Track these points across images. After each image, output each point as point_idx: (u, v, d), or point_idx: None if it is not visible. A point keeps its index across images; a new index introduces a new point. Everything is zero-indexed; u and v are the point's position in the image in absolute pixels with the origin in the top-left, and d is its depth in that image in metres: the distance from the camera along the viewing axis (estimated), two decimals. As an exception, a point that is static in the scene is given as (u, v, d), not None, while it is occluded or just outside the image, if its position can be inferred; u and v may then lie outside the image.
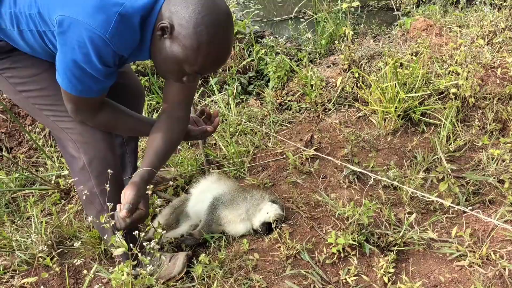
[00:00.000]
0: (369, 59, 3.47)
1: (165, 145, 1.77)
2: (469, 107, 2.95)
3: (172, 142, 1.82)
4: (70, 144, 1.82)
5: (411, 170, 2.49)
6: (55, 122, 1.79)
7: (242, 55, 4.09)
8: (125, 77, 2.12)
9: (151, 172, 1.70)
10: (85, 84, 1.55)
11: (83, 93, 1.58)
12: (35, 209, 2.38)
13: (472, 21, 3.53)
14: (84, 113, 1.68)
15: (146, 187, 1.65)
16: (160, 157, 1.76)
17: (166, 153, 1.80)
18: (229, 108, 3.30)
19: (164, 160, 1.82)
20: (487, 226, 2.11)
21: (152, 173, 1.70)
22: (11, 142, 3.05)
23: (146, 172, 1.68)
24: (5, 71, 1.74)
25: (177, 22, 1.43)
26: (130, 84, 2.14)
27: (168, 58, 1.51)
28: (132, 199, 1.58)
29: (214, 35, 1.45)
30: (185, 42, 1.44)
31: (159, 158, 1.75)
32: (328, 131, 3.06)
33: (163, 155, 1.77)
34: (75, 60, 1.48)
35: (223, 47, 1.51)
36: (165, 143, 1.77)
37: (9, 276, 2.04)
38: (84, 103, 1.63)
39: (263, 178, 2.61)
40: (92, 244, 2.13)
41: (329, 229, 2.14)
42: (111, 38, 1.43)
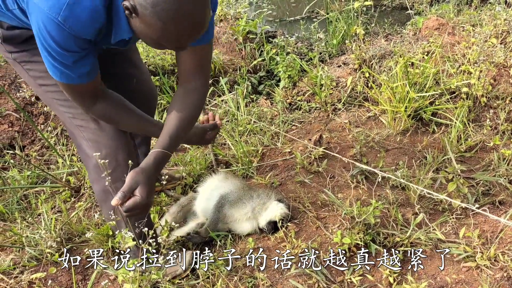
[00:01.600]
0: (380, 59, 3.45)
1: (179, 123, 1.68)
2: (480, 106, 2.91)
3: (188, 119, 1.72)
4: (84, 142, 1.84)
5: (420, 170, 2.46)
6: (70, 118, 1.81)
7: (253, 54, 4.10)
8: (140, 83, 2.12)
9: (161, 154, 1.62)
10: (61, 69, 1.48)
11: (65, 79, 1.52)
12: (45, 206, 2.41)
13: (486, 20, 3.48)
14: (79, 101, 1.63)
15: (152, 171, 1.58)
16: (173, 136, 1.67)
17: (181, 131, 1.70)
18: (239, 107, 3.31)
19: (178, 139, 1.71)
20: (495, 227, 2.08)
21: (162, 155, 1.63)
22: (24, 140, 3.10)
23: (153, 156, 1.61)
24: (26, 64, 1.75)
25: (138, 1, 1.33)
26: (142, 90, 2.13)
27: (144, 37, 1.43)
28: (124, 187, 1.51)
29: (177, 10, 1.32)
30: (151, 22, 1.34)
31: (172, 138, 1.66)
32: (338, 130, 3.04)
33: (176, 134, 1.68)
34: (42, 44, 1.42)
35: (193, 17, 1.37)
36: (179, 121, 1.68)
37: (19, 271, 2.07)
38: (73, 90, 1.58)
39: (271, 177, 2.61)
40: (100, 241, 2.16)
41: (335, 229, 2.13)
42: (64, 21, 1.35)
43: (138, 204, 1.52)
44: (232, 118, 3.23)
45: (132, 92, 1.92)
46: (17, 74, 3.31)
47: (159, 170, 1.65)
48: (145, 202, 1.53)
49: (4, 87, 3.18)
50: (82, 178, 2.69)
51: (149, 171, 1.57)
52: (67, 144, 3.07)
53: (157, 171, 1.62)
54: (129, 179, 1.53)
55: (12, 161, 2.86)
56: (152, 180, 1.58)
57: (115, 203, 1.49)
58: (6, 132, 3.08)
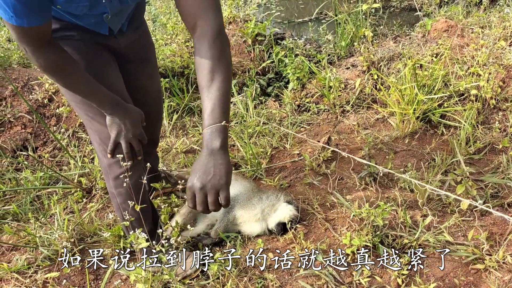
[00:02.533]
0: (388, 61, 3.46)
1: (202, 82, 1.44)
2: (489, 109, 2.92)
3: (205, 69, 1.43)
4: (95, 145, 1.89)
5: (428, 172, 2.47)
6: (87, 120, 1.85)
7: (262, 57, 4.13)
8: (146, 97, 2.10)
9: (214, 130, 1.38)
10: (14, 7, 1.33)
11: (14, 21, 1.37)
12: (58, 207, 2.45)
13: (495, 22, 3.48)
14: (25, 46, 1.48)
15: (214, 151, 1.37)
16: (205, 101, 1.41)
17: (224, 92, 1.42)
18: (248, 109, 3.34)
19: (210, 101, 1.40)
20: (504, 229, 2.09)
21: (216, 130, 1.38)
22: (37, 142, 3.15)
23: (206, 135, 1.39)
24: None
25: None
26: (147, 103, 2.07)
27: None
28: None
29: None
30: None
31: (206, 106, 1.41)
32: (346, 132, 3.06)
33: (205, 98, 1.42)
34: None
35: None
36: (200, 78, 1.44)
37: (33, 271, 2.12)
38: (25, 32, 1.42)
39: (280, 179, 2.64)
40: (112, 242, 2.19)
41: (344, 230, 2.15)
42: None
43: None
44: (241, 120, 3.26)
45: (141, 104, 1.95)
46: (30, 76, 3.37)
47: (222, 146, 1.39)
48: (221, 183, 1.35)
49: (18, 89, 3.24)
50: (93, 179, 2.73)
51: (201, 158, 1.38)
52: (79, 146, 3.12)
53: (222, 148, 1.38)
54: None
55: (26, 163, 2.91)
56: (218, 160, 1.36)
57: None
58: (19, 133, 3.13)
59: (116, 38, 1.83)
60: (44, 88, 3.30)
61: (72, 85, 1.66)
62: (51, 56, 1.53)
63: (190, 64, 3.75)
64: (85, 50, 1.73)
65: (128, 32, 1.87)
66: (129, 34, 1.87)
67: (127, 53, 1.92)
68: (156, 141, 2.47)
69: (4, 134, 3.11)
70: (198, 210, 1.36)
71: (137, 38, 1.95)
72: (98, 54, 1.78)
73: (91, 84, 1.65)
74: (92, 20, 1.68)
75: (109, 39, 1.81)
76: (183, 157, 2.97)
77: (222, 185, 1.34)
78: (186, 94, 3.54)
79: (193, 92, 3.61)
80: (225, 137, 1.39)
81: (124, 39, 1.86)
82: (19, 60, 3.59)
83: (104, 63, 1.80)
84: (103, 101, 1.70)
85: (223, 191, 1.34)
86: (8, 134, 3.12)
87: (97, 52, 1.78)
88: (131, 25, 1.87)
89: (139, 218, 1.86)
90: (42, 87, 3.31)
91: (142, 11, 1.97)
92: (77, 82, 1.64)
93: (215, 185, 1.33)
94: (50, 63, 1.54)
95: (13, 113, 3.18)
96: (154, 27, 4.43)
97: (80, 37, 1.71)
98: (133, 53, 1.96)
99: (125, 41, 1.87)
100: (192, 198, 1.36)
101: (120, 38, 1.84)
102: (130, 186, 1.82)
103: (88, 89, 1.66)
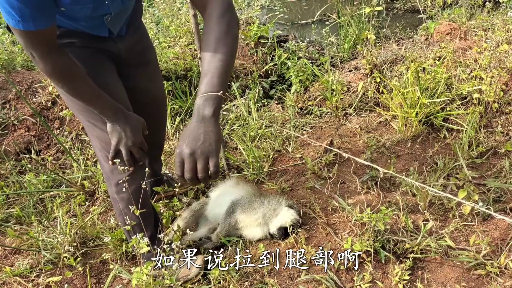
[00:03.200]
0: (391, 64, 3.46)
1: (206, 54, 1.43)
2: (492, 112, 2.91)
3: (211, 41, 1.43)
4: (97, 151, 1.91)
5: (431, 176, 2.47)
6: (89, 126, 1.86)
7: (265, 59, 4.14)
8: (148, 99, 2.12)
9: (208, 97, 1.37)
10: (20, 11, 1.36)
11: (22, 25, 1.39)
12: (61, 210, 2.47)
13: (498, 25, 3.47)
14: (34, 48, 1.50)
15: (201, 119, 1.36)
16: (205, 72, 1.41)
17: (225, 65, 1.42)
18: (250, 112, 3.35)
19: (211, 72, 1.40)
20: (506, 234, 2.08)
21: (210, 97, 1.37)
22: (40, 144, 3.17)
23: (199, 102, 1.38)
24: None
25: None
26: (149, 105, 2.12)
27: None
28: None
29: None
30: None
31: (205, 75, 1.40)
32: (348, 136, 3.06)
33: (206, 68, 1.41)
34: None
35: None
36: (205, 51, 1.44)
37: (35, 274, 2.13)
38: (30, 37, 1.46)
39: (282, 182, 2.64)
40: (114, 246, 2.20)
41: (345, 235, 2.15)
42: None
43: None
44: (244, 123, 3.26)
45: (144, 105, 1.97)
46: (33, 79, 3.39)
47: (214, 114, 1.37)
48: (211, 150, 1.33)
49: (21, 92, 3.25)
50: (96, 182, 2.74)
51: (191, 125, 1.37)
52: (82, 148, 3.13)
53: (214, 115, 1.36)
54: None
55: (29, 166, 2.93)
56: (209, 127, 1.35)
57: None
58: (22, 136, 3.15)
59: (116, 43, 1.85)
60: (48, 91, 3.31)
61: (76, 91, 1.68)
62: (58, 62, 1.55)
63: (193, 67, 3.76)
64: (87, 57, 1.74)
65: (127, 36, 1.89)
66: (128, 38, 1.90)
67: (127, 57, 1.93)
68: (161, 144, 2.48)
69: (8, 137, 3.13)
70: (186, 177, 1.32)
71: (136, 42, 1.97)
72: (99, 61, 1.80)
73: (94, 91, 1.67)
74: (92, 23, 1.69)
75: (109, 44, 1.83)
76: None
77: (212, 151, 1.31)
78: (189, 97, 3.55)
79: (196, 95, 3.61)
80: (218, 106, 1.38)
81: (123, 43, 1.88)
82: (23, 63, 3.60)
83: (105, 70, 1.82)
84: (104, 108, 1.71)
85: (213, 158, 1.31)
86: (12, 137, 3.13)
87: (98, 59, 1.80)
88: (129, 29, 1.89)
89: (140, 223, 1.87)
90: (45, 90, 3.33)
91: (139, 15, 2.00)
92: (81, 88, 1.66)
93: (204, 151, 1.30)
94: (57, 69, 1.56)
95: (17, 116, 3.20)
96: (157, 29, 4.44)
97: (81, 44, 1.73)
98: (133, 56, 1.97)
99: (125, 45, 1.89)
100: (181, 165, 1.32)
101: (119, 42, 1.86)
102: (132, 191, 1.83)
103: (90, 96, 1.68)
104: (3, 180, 2.87)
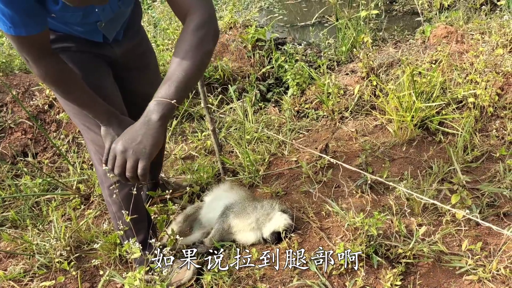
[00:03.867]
0: (387, 67, 3.46)
1: (173, 63, 1.44)
2: (487, 116, 2.91)
3: (180, 52, 1.44)
4: (92, 154, 1.91)
5: (425, 180, 2.47)
6: (84, 130, 1.87)
7: (262, 62, 4.14)
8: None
9: (160, 102, 1.37)
10: (10, 18, 1.37)
11: (13, 31, 1.40)
12: (56, 213, 2.47)
13: (495, 28, 3.47)
14: (25, 55, 1.52)
15: (150, 122, 1.36)
16: (179, 82, 1.40)
17: (188, 77, 1.41)
18: (247, 115, 3.35)
19: (185, 86, 1.41)
20: (499, 240, 2.08)
21: (162, 103, 1.37)
22: (37, 148, 3.17)
23: (151, 106, 1.39)
24: None
25: None
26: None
27: None
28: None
29: None
30: None
31: (177, 82, 1.39)
32: (344, 139, 3.06)
33: (182, 80, 1.40)
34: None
35: None
36: (173, 59, 1.45)
37: (29, 279, 2.14)
38: (23, 42, 1.47)
39: (276, 186, 2.64)
40: (107, 249, 2.21)
41: (338, 240, 2.15)
42: None
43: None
44: (240, 126, 3.27)
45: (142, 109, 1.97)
46: (31, 82, 3.40)
47: (161, 120, 1.36)
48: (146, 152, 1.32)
49: (18, 95, 3.26)
50: (92, 186, 2.75)
51: (135, 124, 1.40)
52: (78, 151, 3.14)
53: (160, 121, 1.36)
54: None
55: (25, 169, 2.93)
56: (150, 131, 1.35)
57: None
58: (19, 139, 3.16)
59: (112, 47, 1.85)
60: (45, 94, 3.32)
61: (69, 95, 1.68)
62: (52, 67, 1.57)
63: (190, 70, 3.75)
64: (82, 62, 1.75)
65: (124, 41, 1.88)
66: (125, 42, 1.89)
67: (125, 61, 1.93)
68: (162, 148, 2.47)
69: (5, 140, 3.14)
70: (115, 173, 1.34)
71: (135, 46, 1.96)
72: (95, 66, 1.81)
73: (88, 95, 1.68)
74: (86, 28, 1.70)
75: (105, 48, 1.83)
76: (181, 164, 2.98)
77: (144, 154, 1.31)
78: (186, 100, 3.55)
79: (193, 98, 3.62)
80: (168, 114, 1.37)
81: (120, 48, 1.88)
82: (20, 66, 3.61)
83: (100, 74, 1.82)
84: (98, 112, 1.72)
85: (143, 160, 1.31)
86: (9, 140, 3.14)
87: (94, 63, 1.80)
88: (126, 34, 1.89)
89: (133, 227, 1.88)
90: (42, 93, 3.34)
91: (139, 18, 1.99)
92: (75, 92, 1.66)
93: (136, 152, 1.31)
94: (50, 73, 1.57)
95: (14, 119, 3.21)
96: (155, 32, 4.45)
97: (77, 49, 1.73)
98: (132, 60, 1.97)
99: (122, 50, 1.89)
100: (112, 159, 1.35)
101: (115, 47, 1.86)
102: (123, 196, 1.84)
103: (85, 100, 1.68)
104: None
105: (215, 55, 4.14)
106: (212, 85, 3.84)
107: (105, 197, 2.00)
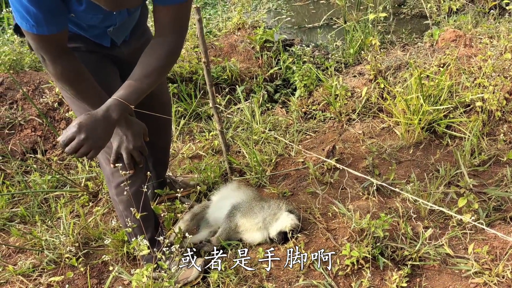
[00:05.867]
0: (395, 70, 3.46)
1: (143, 73, 1.64)
2: (495, 120, 2.91)
3: (153, 69, 1.65)
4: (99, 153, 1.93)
5: (432, 183, 2.48)
6: None
7: (270, 63, 4.16)
8: (153, 102, 2.11)
9: (121, 103, 1.55)
10: (34, 16, 1.44)
11: (35, 29, 1.48)
12: (64, 210, 2.50)
13: (504, 33, 3.46)
14: (43, 54, 1.59)
15: (101, 117, 1.52)
16: (135, 86, 1.61)
17: (144, 82, 1.63)
18: (254, 115, 3.37)
19: (140, 90, 1.62)
20: (505, 243, 2.08)
21: (122, 105, 1.56)
22: (46, 145, 3.20)
23: (108, 104, 1.56)
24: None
25: None
26: (154, 108, 2.08)
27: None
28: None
29: None
30: None
31: (133, 87, 1.61)
32: (351, 141, 3.07)
33: (138, 85, 1.62)
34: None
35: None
36: (144, 71, 1.64)
37: (38, 274, 2.16)
38: (41, 40, 1.54)
39: (283, 187, 2.66)
40: (115, 246, 2.23)
41: (344, 241, 2.16)
42: None
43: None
44: (247, 127, 3.29)
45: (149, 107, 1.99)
46: (41, 80, 3.43)
47: (120, 121, 1.58)
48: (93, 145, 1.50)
49: (28, 92, 3.30)
50: (100, 183, 2.77)
51: (97, 114, 1.52)
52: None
53: (118, 120, 1.56)
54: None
55: (35, 166, 2.96)
56: (108, 126, 1.54)
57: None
58: (29, 136, 3.19)
59: (120, 48, 1.89)
60: (55, 91, 3.35)
61: (82, 94, 1.73)
62: (67, 65, 1.62)
63: (198, 70, 3.78)
64: (92, 62, 1.78)
65: (131, 40, 1.92)
66: (132, 42, 1.93)
67: (131, 61, 1.95)
68: (167, 147, 2.50)
69: (15, 137, 3.17)
70: (66, 151, 1.49)
71: (141, 45, 1.99)
72: (104, 66, 1.83)
73: (99, 94, 1.72)
74: (94, 32, 1.74)
75: (113, 49, 1.87)
76: (189, 163, 3.00)
77: (97, 147, 1.51)
78: (194, 100, 3.58)
79: (201, 98, 3.65)
80: (125, 115, 1.59)
81: (127, 48, 1.92)
82: (31, 63, 3.65)
83: (108, 74, 1.85)
84: None
85: (95, 151, 1.51)
86: (19, 137, 3.18)
87: (102, 63, 1.83)
88: (133, 33, 1.92)
89: (141, 225, 1.90)
90: (52, 91, 3.37)
91: (145, 19, 2.03)
92: (87, 91, 1.71)
93: (93, 143, 1.49)
94: (66, 72, 1.63)
95: (24, 116, 3.24)
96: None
97: (86, 49, 1.76)
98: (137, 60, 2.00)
99: (128, 50, 1.92)
100: (71, 138, 1.48)
101: (123, 47, 1.90)
102: (131, 195, 1.86)
103: (96, 99, 1.71)
104: (9, 179, 2.91)
105: (223, 55, 4.17)
106: (220, 85, 3.87)
107: (112, 196, 2.02)
